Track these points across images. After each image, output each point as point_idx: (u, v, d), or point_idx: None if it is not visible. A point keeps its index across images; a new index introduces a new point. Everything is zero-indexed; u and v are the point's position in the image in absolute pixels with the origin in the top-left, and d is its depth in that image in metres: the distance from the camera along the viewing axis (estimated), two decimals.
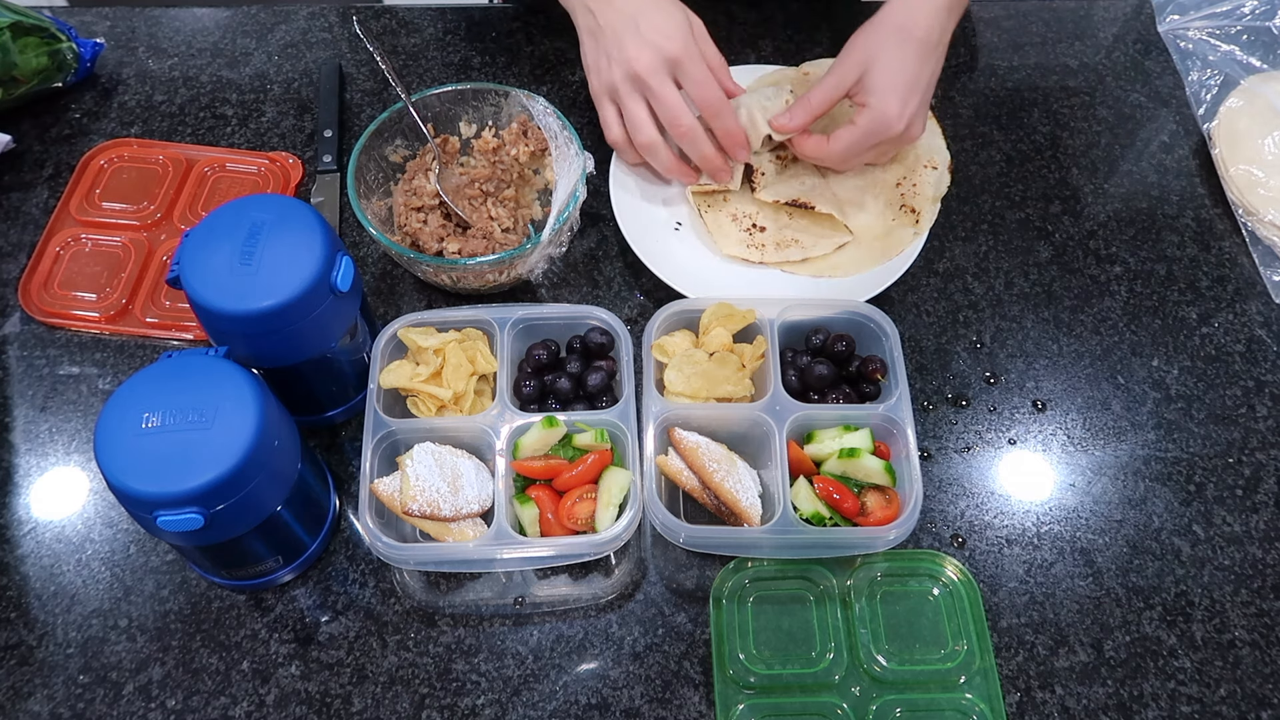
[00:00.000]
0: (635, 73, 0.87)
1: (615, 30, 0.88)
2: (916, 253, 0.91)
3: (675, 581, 0.81)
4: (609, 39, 0.89)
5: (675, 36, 0.87)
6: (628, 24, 0.87)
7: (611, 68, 0.89)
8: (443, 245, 0.91)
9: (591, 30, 0.91)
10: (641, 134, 0.90)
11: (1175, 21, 1.13)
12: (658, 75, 0.87)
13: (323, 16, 1.13)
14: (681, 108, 0.88)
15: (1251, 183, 0.99)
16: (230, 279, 0.71)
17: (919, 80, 0.88)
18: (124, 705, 0.75)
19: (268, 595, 0.79)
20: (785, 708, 0.74)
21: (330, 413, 0.85)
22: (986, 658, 0.75)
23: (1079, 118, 1.07)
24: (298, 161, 1.02)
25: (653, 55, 0.87)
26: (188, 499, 0.64)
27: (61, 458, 0.85)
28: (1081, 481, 0.86)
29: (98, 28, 1.11)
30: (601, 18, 0.89)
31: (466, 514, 0.77)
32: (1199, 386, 0.91)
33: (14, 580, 0.79)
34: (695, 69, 0.88)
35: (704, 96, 0.88)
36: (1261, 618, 0.80)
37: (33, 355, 0.90)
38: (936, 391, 0.90)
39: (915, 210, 0.93)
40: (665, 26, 0.87)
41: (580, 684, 0.76)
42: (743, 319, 0.85)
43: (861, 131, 0.89)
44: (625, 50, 0.87)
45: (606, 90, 0.91)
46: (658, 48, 0.87)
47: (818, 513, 0.77)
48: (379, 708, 0.75)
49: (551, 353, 0.85)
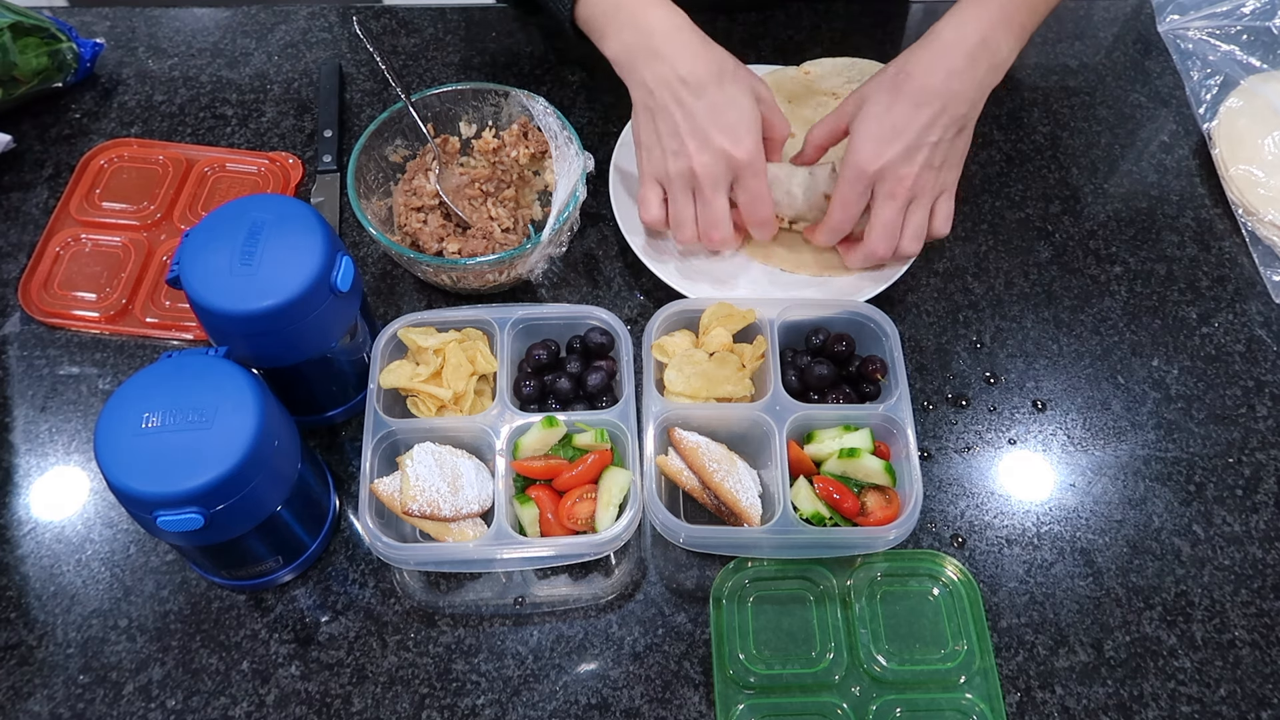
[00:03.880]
0: (694, 173, 0.83)
1: (677, 122, 0.83)
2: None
3: (675, 581, 0.81)
4: (667, 128, 0.84)
5: (743, 142, 0.82)
6: (694, 122, 0.83)
7: (667, 160, 0.85)
8: (443, 245, 0.91)
9: (650, 109, 0.85)
10: (683, 232, 0.87)
11: (1175, 21, 1.13)
12: (715, 183, 0.84)
13: (323, 16, 1.13)
14: (724, 220, 0.85)
15: (1251, 183, 0.99)
16: (230, 279, 0.71)
17: (906, 126, 0.82)
18: (124, 705, 0.75)
19: (268, 595, 0.79)
20: (785, 708, 0.74)
21: (330, 413, 0.85)
22: (986, 658, 0.75)
23: (1079, 118, 1.07)
24: (298, 161, 1.02)
25: (714, 160, 0.83)
26: (188, 499, 0.64)
27: (61, 458, 0.85)
28: (1081, 481, 0.86)
29: (98, 28, 1.11)
30: (663, 101, 0.84)
31: (466, 514, 0.77)
32: (1199, 386, 0.91)
33: (14, 580, 0.79)
34: (754, 182, 0.84)
35: (755, 213, 0.86)
36: (1261, 618, 0.80)
37: (33, 355, 0.90)
38: (936, 391, 0.90)
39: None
40: (735, 128, 0.82)
41: (580, 684, 0.76)
42: (743, 319, 0.85)
43: (842, 180, 0.84)
44: (686, 147, 0.83)
45: (656, 175, 0.87)
46: (722, 153, 0.82)
47: (818, 513, 0.77)
48: (379, 708, 0.75)
49: (551, 353, 0.85)
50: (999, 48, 0.84)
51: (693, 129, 0.83)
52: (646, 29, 0.84)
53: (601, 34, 0.87)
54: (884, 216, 0.84)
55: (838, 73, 1.03)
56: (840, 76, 1.03)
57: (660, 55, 0.84)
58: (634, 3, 0.85)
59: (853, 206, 0.85)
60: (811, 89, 1.02)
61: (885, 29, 1.13)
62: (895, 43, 1.13)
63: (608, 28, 0.87)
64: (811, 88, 1.02)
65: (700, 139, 0.83)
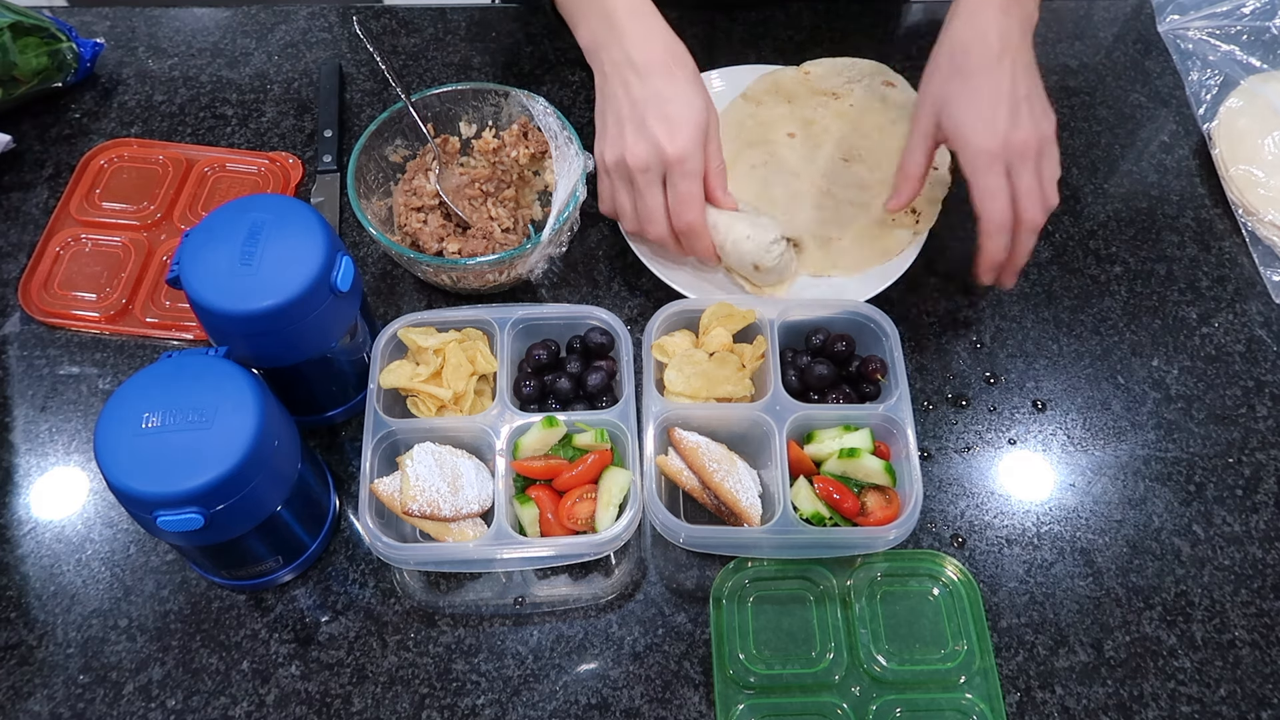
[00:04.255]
0: (626, 164, 0.82)
1: (620, 110, 0.82)
2: (916, 253, 0.91)
3: (675, 581, 0.81)
4: (612, 113, 0.83)
5: (678, 137, 0.80)
6: (636, 108, 0.81)
7: (605, 147, 0.84)
8: (443, 245, 0.91)
9: (602, 93, 0.85)
10: (625, 223, 0.87)
11: (1175, 21, 1.13)
12: (646, 174, 0.82)
13: (323, 16, 1.13)
14: (657, 215, 0.83)
15: (1251, 183, 0.99)
16: (230, 279, 0.71)
17: (995, 93, 0.80)
18: (124, 705, 0.75)
19: (268, 595, 0.79)
20: (785, 708, 0.74)
21: (330, 413, 0.85)
22: (986, 658, 0.75)
23: (1079, 118, 1.07)
24: (298, 161, 1.02)
25: (648, 152, 0.81)
26: (188, 499, 0.64)
27: (61, 458, 0.85)
28: (1081, 481, 0.86)
29: (98, 28, 1.11)
30: (612, 85, 0.83)
31: (466, 514, 0.77)
32: (1199, 386, 0.91)
33: (14, 580, 0.79)
34: (684, 182, 0.82)
35: (681, 216, 0.83)
36: (1261, 618, 0.80)
37: (33, 355, 0.90)
38: (936, 391, 0.90)
39: (915, 211, 0.93)
40: (674, 120, 0.80)
41: (580, 684, 0.76)
42: (743, 319, 0.85)
43: (977, 173, 0.81)
44: (624, 135, 0.82)
45: (601, 162, 0.86)
46: (656, 145, 0.80)
47: (818, 513, 0.77)
48: (379, 708, 0.75)
49: (551, 353, 0.85)
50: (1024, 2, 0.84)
51: (631, 115, 0.81)
52: (609, 10, 0.84)
53: (575, 21, 0.87)
54: (1025, 184, 0.82)
55: (837, 73, 1.03)
56: (840, 76, 1.03)
57: (616, 36, 0.83)
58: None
59: (1001, 194, 0.82)
60: (812, 89, 1.02)
61: (885, 28, 1.14)
62: (895, 43, 1.13)
63: (579, 14, 0.86)
64: (812, 88, 1.02)
65: (636, 126, 0.81)
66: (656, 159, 0.81)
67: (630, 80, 0.82)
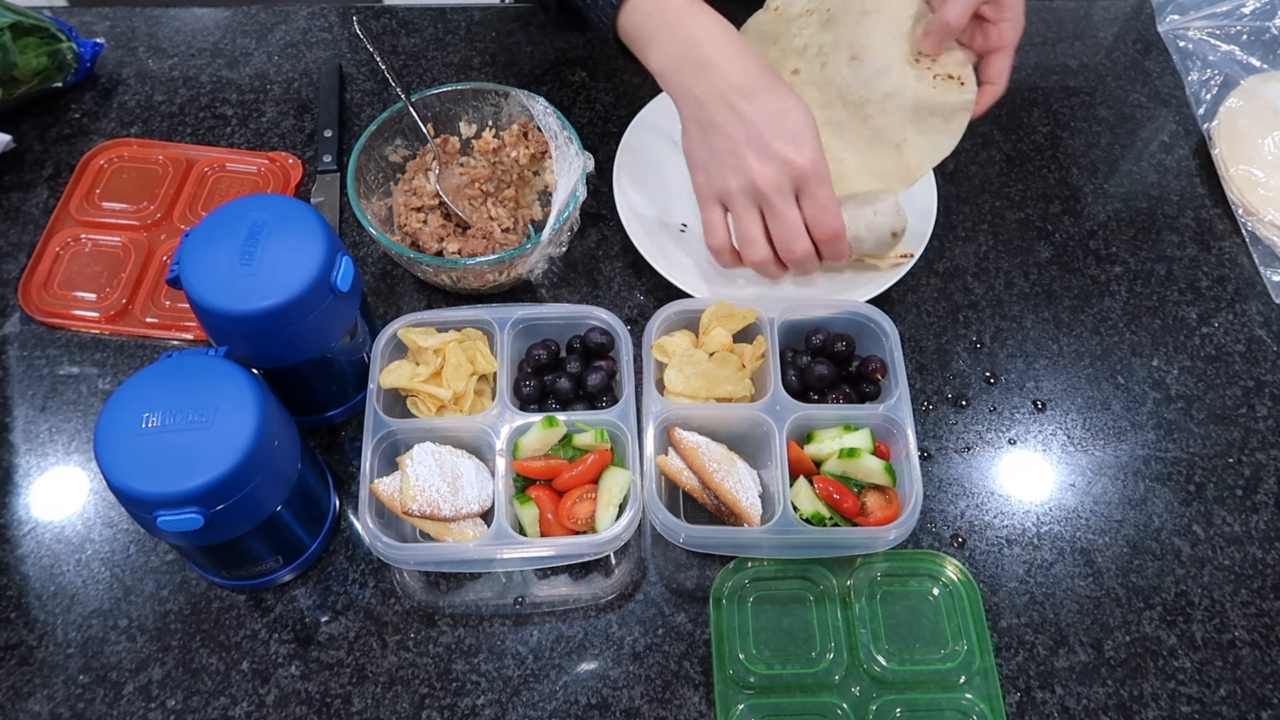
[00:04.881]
0: (757, 187, 0.79)
1: (732, 134, 0.79)
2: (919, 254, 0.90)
3: (675, 581, 0.81)
4: (722, 142, 0.80)
5: (805, 148, 0.78)
6: (751, 130, 0.78)
7: (726, 175, 0.80)
8: (443, 245, 0.91)
9: (700, 124, 0.81)
10: (755, 252, 0.82)
11: (1175, 21, 1.13)
12: (781, 193, 0.79)
13: (323, 16, 1.13)
14: (800, 231, 0.80)
15: (1251, 183, 0.99)
16: (230, 279, 0.71)
17: None
18: (124, 705, 0.75)
19: (268, 595, 0.79)
20: (785, 708, 0.74)
21: (330, 413, 0.85)
22: (986, 658, 0.75)
23: (1079, 118, 1.07)
24: (298, 161, 1.02)
25: (778, 171, 0.78)
26: (188, 499, 0.64)
27: (61, 458, 0.85)
28: (1081, 481, 0.86)
29: (98, 28, 1.11)
30: (715, 114, 0.80)
31: (466, 514, 0.77)
32: (1199, 386, 0.91)
33: (14, 580, 0.79)
34: (821, 190, 0.79)
35: (823, 224, 0.80)
36: (1261, 618, 0.80)
37: (33, 355, 0.90)
38: (936, 391, 0.90)
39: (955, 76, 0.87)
40: (795, 134, 0.78)
41: (580, 684, 0.76)
42: (743, 319, 0.85)
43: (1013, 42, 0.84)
44: (745, 160, 0.78)
45: (717, 195, 0.82)
46: (785, 162, 0.78)
47: (818, 513, 0.77)
48: (379, 708, 0.75)
49: (551, 353, 0.85)
50: None
51: (750, 139, 0.78)
52: (692, 39, 0.81)
53: (645, 46, 0.84)
54: None
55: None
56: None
57: (709, 66, 0.80)
58: (678, 12, 0.82)
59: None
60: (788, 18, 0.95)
61: None
62: None
63: (651, 39, 0.83)
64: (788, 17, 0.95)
65: (759, 149, 0.78)
66: (788, 175, 0.79)
67: (738, 104, 0.79)
